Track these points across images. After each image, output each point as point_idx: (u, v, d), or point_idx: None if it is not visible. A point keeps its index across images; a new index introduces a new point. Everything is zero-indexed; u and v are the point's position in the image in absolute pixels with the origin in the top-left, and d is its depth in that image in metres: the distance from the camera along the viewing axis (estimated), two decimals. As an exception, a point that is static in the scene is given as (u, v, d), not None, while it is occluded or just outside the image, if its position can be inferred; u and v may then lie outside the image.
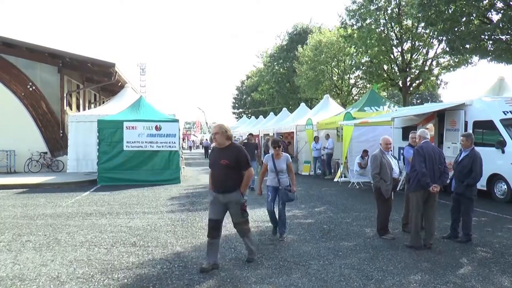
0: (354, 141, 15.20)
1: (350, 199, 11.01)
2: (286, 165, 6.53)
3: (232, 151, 4.99)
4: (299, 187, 13.68)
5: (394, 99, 52.86)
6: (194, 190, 13.04)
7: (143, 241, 6.63)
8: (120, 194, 12.04)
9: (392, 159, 6.97)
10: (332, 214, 8.92)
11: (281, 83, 42.50)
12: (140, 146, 14.52)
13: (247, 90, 57.45)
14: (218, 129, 5.04)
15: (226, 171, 4.95)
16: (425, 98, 57.09)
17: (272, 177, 6.55)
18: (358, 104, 17.11)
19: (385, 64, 23.73)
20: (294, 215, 8.83)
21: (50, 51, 18.29)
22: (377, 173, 6.79)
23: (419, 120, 12.15)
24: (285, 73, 42.33)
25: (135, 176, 14.35)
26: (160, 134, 14.68)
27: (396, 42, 23.14)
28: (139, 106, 15.61)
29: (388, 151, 6.99)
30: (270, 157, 6.59)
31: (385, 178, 6.73)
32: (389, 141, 7.02)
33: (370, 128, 14.85)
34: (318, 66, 31.93)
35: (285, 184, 6.47)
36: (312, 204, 10.36)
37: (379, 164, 6.76)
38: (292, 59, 39.85)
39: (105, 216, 8.66)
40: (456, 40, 14.45)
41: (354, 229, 7.44)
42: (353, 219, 8.29)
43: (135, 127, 14.54)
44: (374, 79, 23.70)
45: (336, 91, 32.97)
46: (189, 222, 8.11)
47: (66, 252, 5.99)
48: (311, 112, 21.31)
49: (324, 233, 7.09)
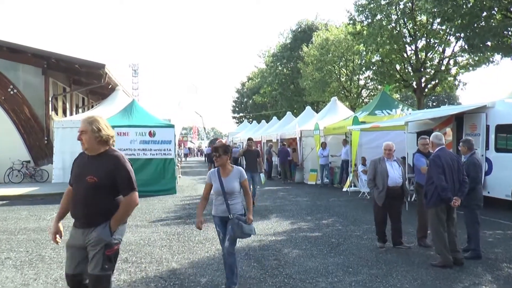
0: (365, 147, 15.18)
1: (360, 210, 10.99)
2: (239, 183, 4.97)
3: (107, 163, 3.52)
4: (305, 197, 13.68)
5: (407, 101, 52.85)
6: (191, 201, 13.04)
7: (136, 257, 6.62)
8: (110, 206, 12.01)
9: (393, 166, 7.02)
10: (341, 226, 8.91)
11: (284, 85, 42.64)
12: (132, 154, 14.55)
13: (248, 92, 57.62)
14: (86, 125, 3.60)
15: (91, 192, 3.42)
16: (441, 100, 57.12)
17: (219, 202, 5.04)
18: (369, 107, 17.12)
19: (398, 63, 23.78)
20: (300, 228, 8.82)
21: (33, 51, 18.43)
22: (371, 179, 7.04)
23: (435, 124, 12.14)
24: (289, 74, 42.47)
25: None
26: (154, 140, 14.72)
27: (409, 39, 23.20)
28: (131, 111, 15.69)
29: (390, 158, 7.04)
30: (215, 174, 5.04)
31: (378, 185, 6.90)
32: (390, 147, 7.09)
33: (382, 133, 14.84)
34: (325, 66, 32.04)
35: (237, 211, 4.94)
36: (319, 215, 10.35)
37: (374, 169, 7.00)
38: (296, 58, 40.00)
39: (93, 230, 8.63)
40: (475, 37, 14.49)
41: (365, 242, 7.42)
42: (364, 232, 8.28)
43: (126, 133, 14.59)
44: (385, 80, 23.72)
45: (344, 93, 33.04)
46: (186, 236, 8.10)
47: (51, 269, 5.99)
48: (317, 116, 21.31)
49: (333, 247, 7.08)
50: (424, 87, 23.56)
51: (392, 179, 6.91)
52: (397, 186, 6.96)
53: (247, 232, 4.89)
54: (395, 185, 6.94)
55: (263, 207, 11.20)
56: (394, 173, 6.97)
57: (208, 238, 7.89)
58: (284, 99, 42.87)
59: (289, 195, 14.45)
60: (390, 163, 7.05)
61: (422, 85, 23.39)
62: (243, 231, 4.85)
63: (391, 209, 7.03)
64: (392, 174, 6.94)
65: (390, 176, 6.90)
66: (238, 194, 4.99)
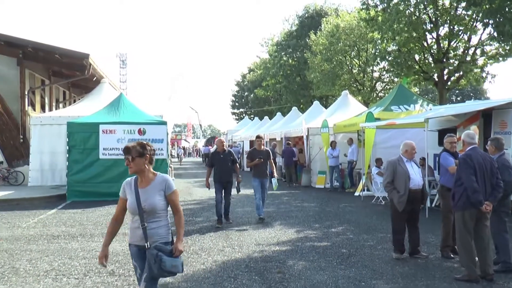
0: (380, 147, 15.18)
1: (374, 217, 11.01)
2: (163, 198, 4.08)
3: None
4: (312, 203, 13.69)
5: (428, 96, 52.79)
6: (185, 207, 13.04)
7: (123, 269, 6.65)
8: (95, 212, 12.08)
9: (413, 167, 7.07)
10: (353, 235, 8.92)
11: (290, 77, 42.65)
12: (120, 154, 14.55)
13: (249, 85, 57.68)
14: None
15: None
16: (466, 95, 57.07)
17: (135, 225, 4.08)
18: (384, 102, 17.12)
19: (417, 53, 23.73)
20: (306, 236, 8.83)
21: (7, 39, 18.38)
22: (390, 181, 7.04)
23: (459, 122, 12.14)
24: (294, 65, 42.48)
25: (113, 190, 14.13)
26: (144, 139, 14.68)
27: (430, 26, 23.16)
28: (118, 106, 15.73)
29: (412, 158, 7.07)
30: (130, 184, 4.25)
31: (399, 188, 6.90)
32: (414, 147, 7.13)
33: (398, 131, 14.84)
34: (335, 56, 32.03)
35: (159, 238, 3.99)
36: (328, 223, 10.36)
37: (392, 171, 7.00)
38: (303, 48, 40.00)
39: (76, 239, 8.69)
40: (506, 23, 14.46)
41: (380, 253, 7.43)
42: (378, 241, 8.29)
43: (113, 130, 14.62)
44: (403, 72, 23.68)
45: (356, 86, 33.04)
46: (178, 246, 8.12)
47: (26, 284, 6.01)
48: (326, 112, 21.30)
49: (343, 259, 7.09)
50: (446, 79, 23.51)
51: (414, 181, 6.98)
52: (418, 189, 7.05)
53: (169, 270, 3.87)
54: (417, 188, 7.02)
55: (266, 214, 11.21)
56: (416, 174, 7.04)
57: (204, 248, 7.91)
58: (289, 93, 42.90)
59: (295, 200, 14.46)
60: (410, 164, 7.10)
61: (444, 77, 23.35)
62: (163, 268, 3.82)
63: (410, 214, 7.06)
64: (414, 175, 7.00)
65: (412, 178, 6.94)
66: (162, 214, 4.03)
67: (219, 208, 10.18)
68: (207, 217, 11.27)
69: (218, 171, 10.32)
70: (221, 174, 10.27)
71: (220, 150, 10.49)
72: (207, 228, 9.85)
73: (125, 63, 71.60)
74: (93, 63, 19.45)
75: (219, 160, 10.36)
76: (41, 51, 19.13)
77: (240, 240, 8.56)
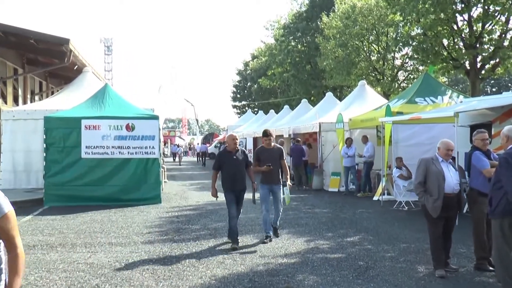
0: (402, 145, 15.18)
1: (395, 225, 11.01)
2: None
3: None
4: (324, 208, 13.71)
5: (458, 86, 52.66)
6: (180, 213, 13.11)
7: (110, 283, 6.68)
8: (77, 218, 12.11)
9: (449, 169, 7.02)
10: (371, 245, 8.92)
11: (299, 65, 42.64)
12: (104, 152, 14.62)
13: (253, 75, 57.69)
14: None
15: None
16: (503, 85, 56.84)
17: None
18: (407, 93, 17.09)
19: (445, 37, 23.66)
20: (317, 247, 8.85)
21: (-29, 22, 18.38)
22: (420, 182, 6.95)
23: (495, 116, 12.11)
24: (304, 51, 42.46)
25: (98, 193, 14.45)
26: (133, 136, 14.78)
27: (460, 7, 23.10)
28: (103, 98, 15.77)
29: (447, 158, 7.04)
30: None
31: (431, 192, 6.84)
32: (452, 147, 7.07)
33: (424, 127, 14.82)
34: (351, 41, 31.99)
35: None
36: (342, 231, 10.37)
37: (424, 170, 6.91)
38: (314, 31, 39.96)
39: (55, 249, 8.72)
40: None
41: (402, 266, 7.44)
42: (401, 253, 8.29)
43: (97, 126, 14.66)
44: (429, 59, 23.63)
45: (375, 75, 32.99)
46: (174, 257, 8.15)
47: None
48: (341, 105, 21.27)
49: (360, 272, 7.10)
50: (480, 67, 23.43)
51: (449, 184, 6.90)
52: (453, 193, 6.97)
53: None
54: (452, 192, 6.95)
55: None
56: (451, 177, 6.97)
57: (202, 260, 7.93)
58: (298, 83, 42.87)
59: (305, 206, 14.47)
60: (446, 164, 7.05)
61: (477, 65, 23.27)
62: None
63: (444, 222, 7.02)
64: (449, 178, 6.93)
65: (447, 181, 6.88)
66: None
67: (233, 225, 8.86)
68: (204, 224, 11.30)
69: (229, 176, 9.04)
70: (234, 181, 9.01)
71: (232, 149, 9.21)
72: (204, 236, 9.87)
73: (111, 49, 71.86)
74: (73, 49, 19.50)
75: (231, 162, 9.08)
76: (13, 36, 19.11)
77: (243, 251, 8.58)
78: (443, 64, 23.83)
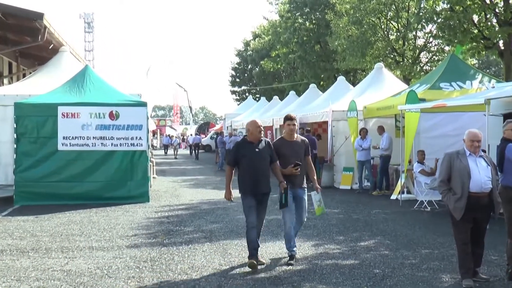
0: (424, 137, 15.07)
1: (416, 228, 10.98)
2: None
3: None
4: (335, 208, 13.68)
5: (489, 69, 52.45)
6: (170, 213, 13.10)
7: (89, 292, 6.65)
8: (53, 219, 12.08)
9: (478, 164, 6.91)
10: (388, 251, 8.90)
11: (307, 45, 42.49)
12: (85, 144, 14.57)
13: (254, 56, 57.57)
14: None
15: None
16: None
17: None
18: (431, 78, 17.02)
19: (475, 13, 23.48)
20: (327, 252, 8.84)
21: None
22: (443, 180, 6.89)
23: (532, 103, 12.05)
24: (313, 29, 42.30)
25: (76, 191, 14.43)
26: (118, 125, 14.72)
27: (493, -23, 22.96)
28: (83, 82, 15.69)
29: (476, 152, 6.93)
30: None
31: (455, 190, 6.78)
32: (478, 137, 6.95)
33: (449, 116, 14.73)
34: (366, 17, 31.79)
35: None
36: (355, 234, 10.34)
37: (448, 167, 6.85)
38: (324, 7, 39.80)
39: (26, 255, 8.68)
40: None
41: (424, 275, 7.40)
42: (422, 260, 8.26)
43: (77, 114, 14.59)
44: (456, 38, 23.49)
45: (394, 57, 32.84)
46: (164, 262, 8.13)
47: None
48: (354, 90, 21.19)
49: (376, 281, 7.07)
50: (516, 48, 23.28)
51: (476, 182, 6.77)
52: (483, 193, 6.83)
53: None
54: (481, 191, 6.81)
55: (275, 222, 11.21)
56: (480, 173, 6.82)
57: (195, 266, 7.92)
58: (306, 65, 42.73)
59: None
60: (474, 159, 6.93)
61: (512, 45, 23.13)
62: None
63: (474, 225, 6.92)
64: (477, 175, 6.79)
65: (474, 178, 6.76)
66: None
67: (253, 238, 7.83)
68: (198, 226, 11.28)
69: (250, 174, 7.91)
70: (255, 181, 7.91)
71: (254, 139, 8.04)
72: (198, 240, 9.86)
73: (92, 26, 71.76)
74: (48, 25, 19.33)
75: (252, 157, 7.93)
76: (-26, 9, 18.93)
77: (242, 256, 8.53)
78: (472, 44, 23.64)
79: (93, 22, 71.80)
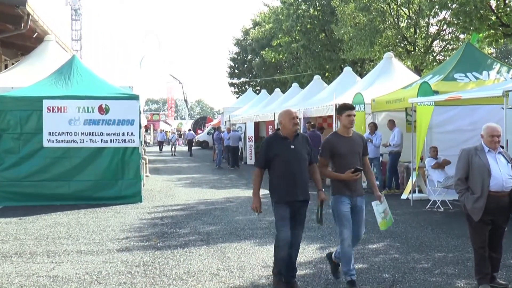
0: (436, 132, 15.06)
1: (429, 229, 10.98)
2: None
3: None
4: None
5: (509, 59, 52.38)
6: (165, 214, 13.09)
7: (77, 299, 6.66)
8: (38, 221, 12.08)
9: (498, 161, 6.85)
10: (399, 254, 8.90)
11: (311, 34, 42.43)
12: (72, 140, 14.54)
13: (254, 45, 57.44)
14: None
15: None
16: None
17: None
18: (444, 68, 16.99)
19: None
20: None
21: None
22: (461, 179, 6.85)
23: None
24: (317, 16, 42.23)
25: (63, 191, 14.42)
26: (107, 120, 14.70)
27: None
28: (70, 73, 15.66)
29: (495, 148, 6.88)
30: None
31: (474, 189, 6.74)
32: (498, 132, 6.89)
33: (464, 109, 14.73)
34: (375, 3, 31.75)
35: None
36: (363, 237, 10.28)
37: (466, 164, 6.79)
38: (329, -8, 39.71)
39: (9, 259, 8.67)
40: None
41: (437, 280, 7.40)
42: (435, 263, 8.26)
43: (63, 108, 14.56)
44: (472, 26, 23.46)
45: (405, 46, 32.81)
46: (157, 267, 8.13)
47: None
48: (362, 82, 21.16)
49: (385, 287, 7.09)
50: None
51: (497, 180, 6.71)
52: (504, 192, 6.77)
53: None
54: (501, 190, 6.76)
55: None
56: (501, 171, 6.76)
57: (191, 271, 7.91)
58: (310, 55, 42.68)
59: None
60: (493, 155, 6.87)
61: (535, 32, 23.08)
62: None
63: (492, 228, 6.87)
64: (497, 172, 6.73)
65: (494, 176, 6.70)
66: None
67: (282, 255, 6.85)
68: (194, 228, 11.28)
69: (285, 178, 6.91)
70: (292, 186, 6.93)
71: (289, 133, 7.01)
72: (194, 243, 9.85)
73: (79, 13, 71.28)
74: (32, 12, 19.28)
75: (287, 156, 6.90)
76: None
77: (242, 260, 8.56)
78: (490, 32, 23.59)
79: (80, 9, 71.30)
